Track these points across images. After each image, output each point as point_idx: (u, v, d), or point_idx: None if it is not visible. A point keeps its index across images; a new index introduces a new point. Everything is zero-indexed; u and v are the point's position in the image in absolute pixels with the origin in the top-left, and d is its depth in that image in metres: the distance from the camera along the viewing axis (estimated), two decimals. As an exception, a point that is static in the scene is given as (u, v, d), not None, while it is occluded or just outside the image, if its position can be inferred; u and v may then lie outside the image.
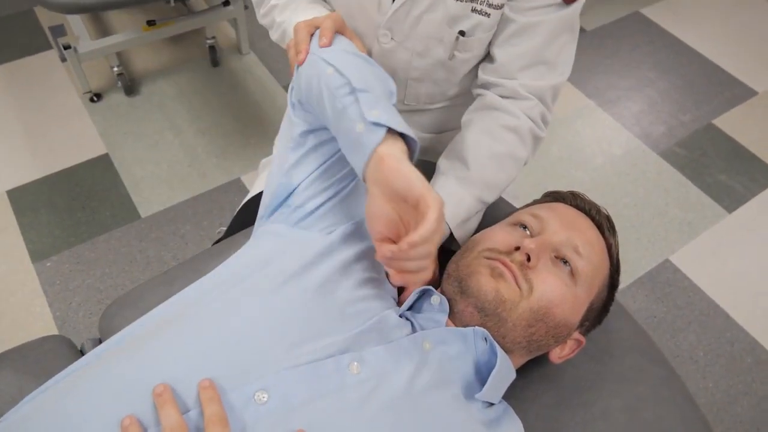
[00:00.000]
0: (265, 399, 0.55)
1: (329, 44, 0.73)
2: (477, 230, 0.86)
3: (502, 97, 0.88)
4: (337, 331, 0.63)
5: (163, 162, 1.99)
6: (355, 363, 0.61)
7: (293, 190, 0.76)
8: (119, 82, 2.15)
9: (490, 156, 0.86)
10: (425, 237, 0.56)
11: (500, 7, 0.85)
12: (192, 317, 0.63)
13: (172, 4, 2.01)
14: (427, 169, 0.81)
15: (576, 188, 0.85)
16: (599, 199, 0.86)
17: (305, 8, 0.89)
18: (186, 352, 0.58)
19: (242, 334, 0.59)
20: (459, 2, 0.84)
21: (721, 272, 1.86)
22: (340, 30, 0.77)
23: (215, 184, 1.94)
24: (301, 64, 0.73)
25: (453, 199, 0.84)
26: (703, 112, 2.34)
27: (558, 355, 0.76)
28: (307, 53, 0.73)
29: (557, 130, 2.22)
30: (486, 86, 0.91)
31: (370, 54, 0.95)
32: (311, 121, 0.74)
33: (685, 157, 2.16)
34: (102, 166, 1.96)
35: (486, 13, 0.85)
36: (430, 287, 0.73)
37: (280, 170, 0.77)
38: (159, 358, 0.58)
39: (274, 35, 0.96)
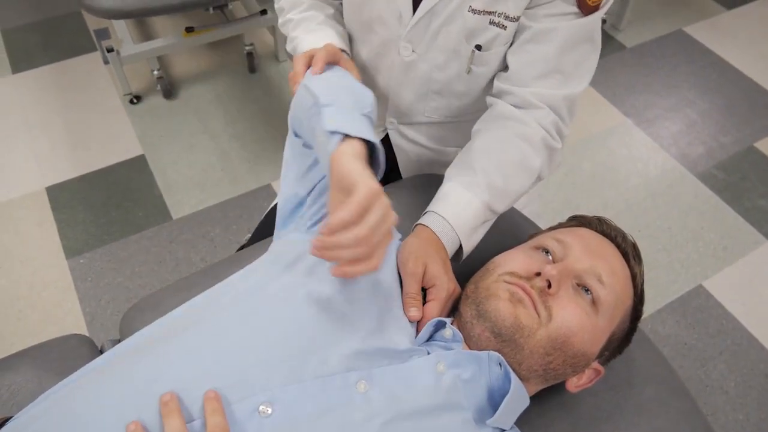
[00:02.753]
0: (270, 412, 0.55)
1: (320, 73, 0.76)
2: (497, 250, 0.83)
3: (514, 106, 0.86)
4: (347, 346, 0.62)
5: (196, 165, 2.02)
6: (363, 381, 0.60)
7: (303, 201, 0.77)
8: (158, 86, 2.20)
9: (499, 163, 0.84)
10: (344, 220, 0.53)
11: (517, 19, 0.84)
12: (202, 325, 0.63)
13: (212, 11, 2.05)
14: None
15: (608, 208, 0.83)
16: (632, 220, 0.84)
17: (314, 29, 0.93)
18: (194, 360, 0.59)
19: (250, 345, 0.60)
20: (477, 15, 0.84)
21: (756, 301, 1.80)
22: (333, 59, 0.80)
23: (246, 189, 1.97)
24: (293, 94, 0.76)
25: (460, 201, 0.82)
26: (744, 135, 2.27)
27: (575, 384, 0.74)
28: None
29: (590, 146, 2.18)
30: (499, 95, 0.89)
31: (391, 67, 0.96)
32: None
33: (724, 180, 2.11)
34: (138, 167, 2.00)
35: (503, 25, 0.84)
36: (443, 319, 0.72)
37: (289, 182, 0.78)
38: (168, 364, 0.59)
39: (288, 47, 1.00)
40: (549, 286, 0.68)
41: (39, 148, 2.03)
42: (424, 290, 0.75)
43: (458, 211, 0.81)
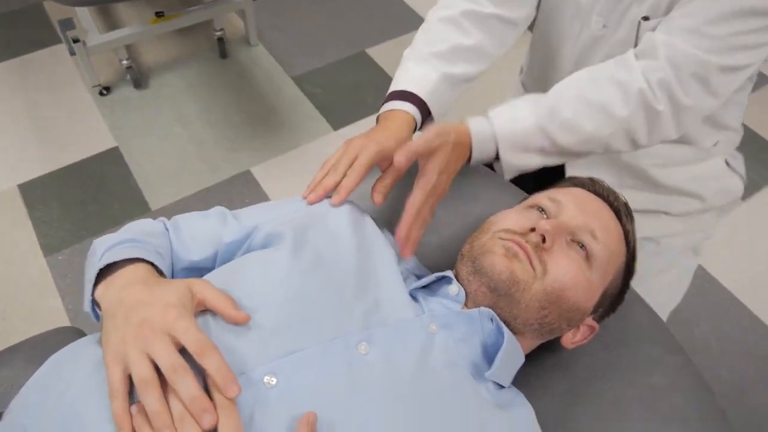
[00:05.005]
0: (274, 382, 0.55)
1: (340, 204, 0.76)
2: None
3: (637, 56, 0.80)
4: (344, 311, 0.63)
5: (172, 155, 1.99)
6: (364, 343, 0.60)
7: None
8: (128, 75, 2.15)
9: (577, 97, 0.81)
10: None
11: None
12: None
13: (180, -4, 2.01)
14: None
15: None
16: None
17: (410, 69, 0.91)
18: None
19: (252, 317, 0.59)
20: None
21: (735, 260, 1.84)
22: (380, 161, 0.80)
23: (225, 176, 1.95)
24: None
25: (513, 112, 0.82)
26: None
27: (570, 340, 0.75)
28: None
29: None
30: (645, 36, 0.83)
31: (576, 42, 0.96)
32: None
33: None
34: (112, 159, 1.96)
35: None
36: (451, 275, 0.73)
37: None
38: None
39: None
40: (543, 240, 0.69)
41: (8, 145, 1.98)
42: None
43: (506, 117, 0.82)
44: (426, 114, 0.89)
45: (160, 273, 0.67)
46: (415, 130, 0.87)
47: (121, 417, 0.52)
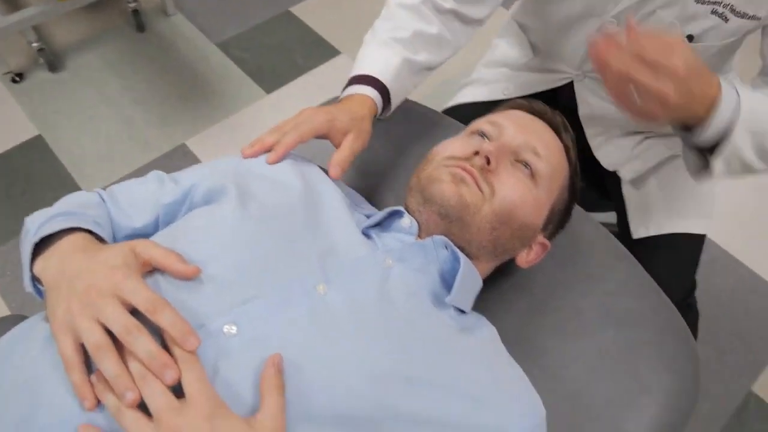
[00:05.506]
0: (235, 331, 0.54)
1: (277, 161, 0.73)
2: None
3: None
4: (298, 256, 0.61)
5: (100, 136, 1.90)
6: (322, 284, 0.59)
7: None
8: (41, 59, 2.03)
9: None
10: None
11: (744, 16, 0.79)
12: None
13: (85, -33, 1.89)
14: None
15: None
16: None
17: (371, 53, 0.88)
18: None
19: (203, 273, 0.57)
20: (700, 4, 0.79)
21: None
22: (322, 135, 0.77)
23: (159, 152, 1.88)
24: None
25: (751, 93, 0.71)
26: None
27: (525, 259, 0.76)
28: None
29: None
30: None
31: (584, 41, 0.94)
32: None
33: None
34: (36, 148, 1.86)
35: (725, 17, 0.79)
36: (402, 209, 0.73)
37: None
38: None
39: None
40: (488, 162, 0.69)
41: None
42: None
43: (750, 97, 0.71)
44: (387, 99, 0.86)
45: (101, 241, 0.64)
46: (375, 114, 0.84)
47: (81, 388, 0.50)
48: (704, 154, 0.75)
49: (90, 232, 0.63)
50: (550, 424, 0.65)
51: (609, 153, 1.09)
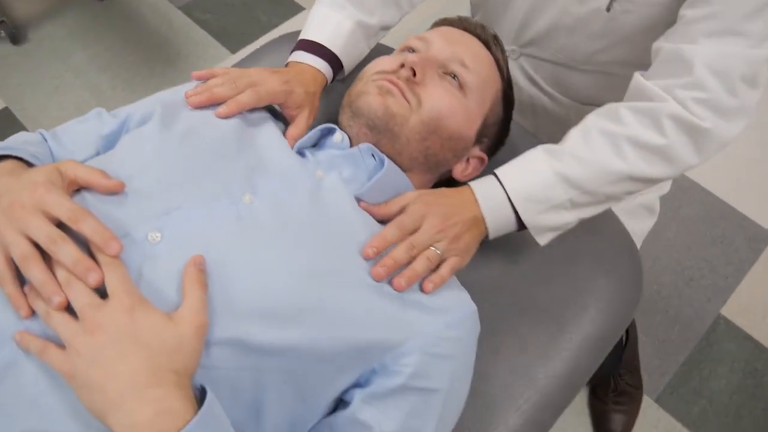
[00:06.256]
0: (159, 238, 0.55)
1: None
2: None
3: (660, 61, 0.72)
4: (225, 168, 0.63)
5: (69, 106, 1.90)
6: (248, 194, 0.61)
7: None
8: (2, 32, 2.01)
9: (600, 132, 0.70)
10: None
11: None
12: None
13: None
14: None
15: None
16: None
17: (323, 17, 0.85)
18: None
19: (128, 187, 0.59)
20: None
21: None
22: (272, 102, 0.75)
23: (128, 118, 1.87)
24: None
25: (524, 165, 0.71)
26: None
27: (462, 173, 0.78)
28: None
29: None
30: (654, 54, 0.73)
31: None
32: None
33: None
34: (4, 121, 1.86)
35: None
36: (333, 126, 0.74)
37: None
38: None
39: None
40: (414, 74, 0.70)
41: None
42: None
43: (519, 178, 0.71)
44: (338, 67, 0.84)
45: None
46: (325, 85, 0.82)
47: (15, 298, 0.52)
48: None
49: (24, 161, 0.64)
50: (493, 329, 0.67)
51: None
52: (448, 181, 0.83)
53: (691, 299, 1.58)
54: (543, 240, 0.74)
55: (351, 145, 0.72)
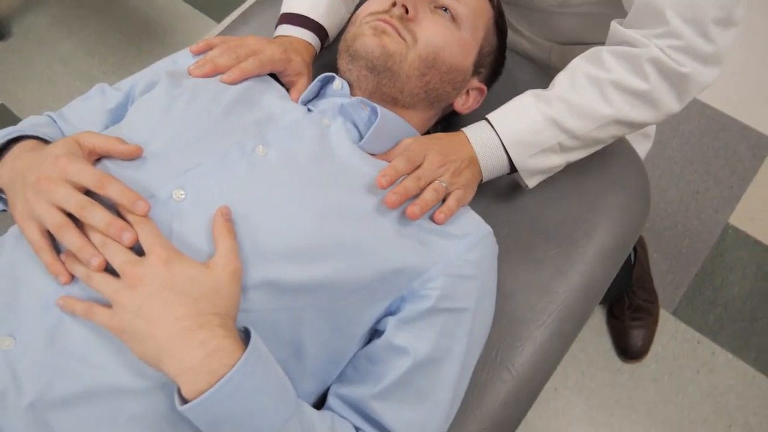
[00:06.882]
0: (183, 195, 0.58)
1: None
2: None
3: (631, 24, 0.72)
4: (235, 124, 0.65)
5: (63, 95, 1.90)
6: (260, 146, 0.63)
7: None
8: (-14, 29, 2.01)
9: (586, 76, 0.72)
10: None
11: None
12: None
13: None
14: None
15: None
16: None
17: None
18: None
19: (146, 150, 0.61)
20: None
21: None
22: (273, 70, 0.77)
23: (123, 100, 1.88)
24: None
25: (516, 111, 0.73)
26: None
27: (463, 105, 0.80)
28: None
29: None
30: (628, 2, 0.74)
31: None
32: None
33: None
34: (3, 117, 1.87)
35: None
36: (332, 74, 0.75)
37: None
38: None
39: None
40: (407, 12, 0.71)
41: None
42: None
43: (509, 119, 0.73)
44: (323, 35, 0.85)
45: None
46: (314, 56, 0.83)
47: (53, 266, 0.55)
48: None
49: (39, 138, 0.66)
50: (509, 249, 0.69)
51: None
52: (449, 119, 0.85)
53: (698, 212, 1.60)
54: (532, 182, 0.77)
55: (351, 91, 0.74)
